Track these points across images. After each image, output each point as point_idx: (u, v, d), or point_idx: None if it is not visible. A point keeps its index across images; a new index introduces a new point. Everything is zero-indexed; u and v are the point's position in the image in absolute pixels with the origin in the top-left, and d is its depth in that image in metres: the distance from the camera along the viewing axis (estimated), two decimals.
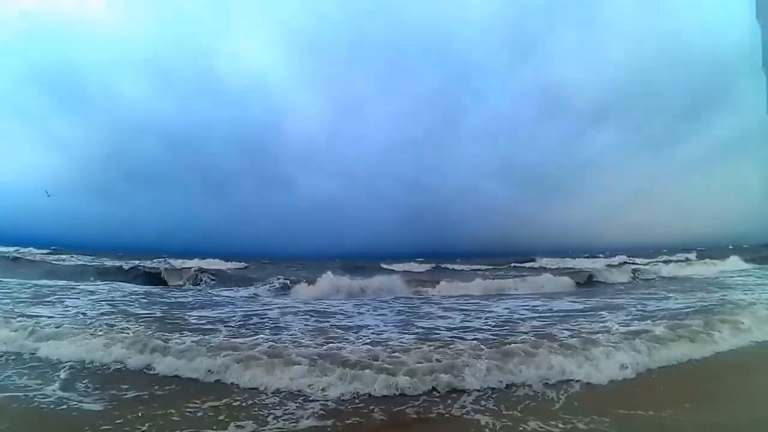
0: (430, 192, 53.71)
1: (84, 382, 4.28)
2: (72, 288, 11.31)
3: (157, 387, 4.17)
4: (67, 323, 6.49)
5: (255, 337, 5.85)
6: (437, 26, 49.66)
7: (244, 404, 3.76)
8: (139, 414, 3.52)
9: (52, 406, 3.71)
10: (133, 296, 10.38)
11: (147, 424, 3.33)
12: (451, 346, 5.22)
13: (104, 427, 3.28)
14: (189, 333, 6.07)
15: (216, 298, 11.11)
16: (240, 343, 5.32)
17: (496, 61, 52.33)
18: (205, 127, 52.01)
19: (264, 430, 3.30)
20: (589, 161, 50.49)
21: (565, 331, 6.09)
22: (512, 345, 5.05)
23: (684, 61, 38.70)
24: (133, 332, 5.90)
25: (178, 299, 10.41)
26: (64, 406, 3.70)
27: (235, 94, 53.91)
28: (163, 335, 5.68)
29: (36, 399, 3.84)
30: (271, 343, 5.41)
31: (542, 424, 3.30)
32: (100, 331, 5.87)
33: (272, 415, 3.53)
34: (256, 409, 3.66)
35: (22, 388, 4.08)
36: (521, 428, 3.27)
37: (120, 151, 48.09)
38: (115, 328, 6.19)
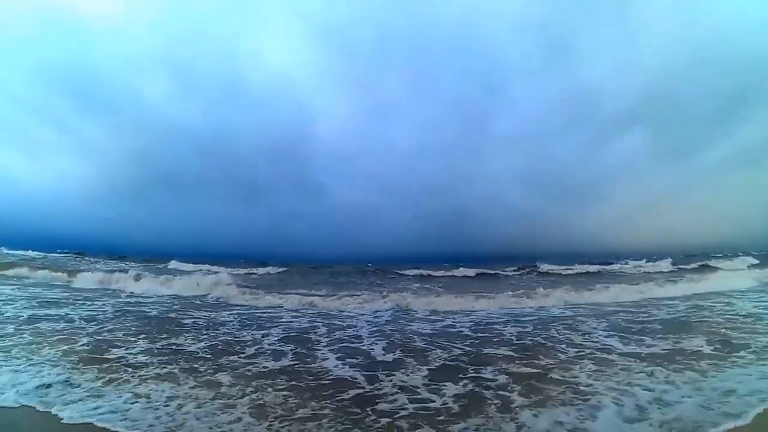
0: (454, 198, 52.19)
1: None
2: None
3: None
4: None
5: None
6: (466, 21, 45.41)
7: None
8: None
9: None
10: None
11: None
12: None
13: None
14: None
15: None
16: None
17: (527, 61, 47.54)
18: (233, 132, 50.28)
19: None
20: (608, 170, 47.68)
21: None
22: None
23: (718, 59, 35.25)
24: None
25: None
26: None
27: (260, 95, 51.21)
28: None
29: None
30: None
31: None
32: None
33: None
34: None
35: None
36: None
37: (148, 155, 48.91)
38: None
